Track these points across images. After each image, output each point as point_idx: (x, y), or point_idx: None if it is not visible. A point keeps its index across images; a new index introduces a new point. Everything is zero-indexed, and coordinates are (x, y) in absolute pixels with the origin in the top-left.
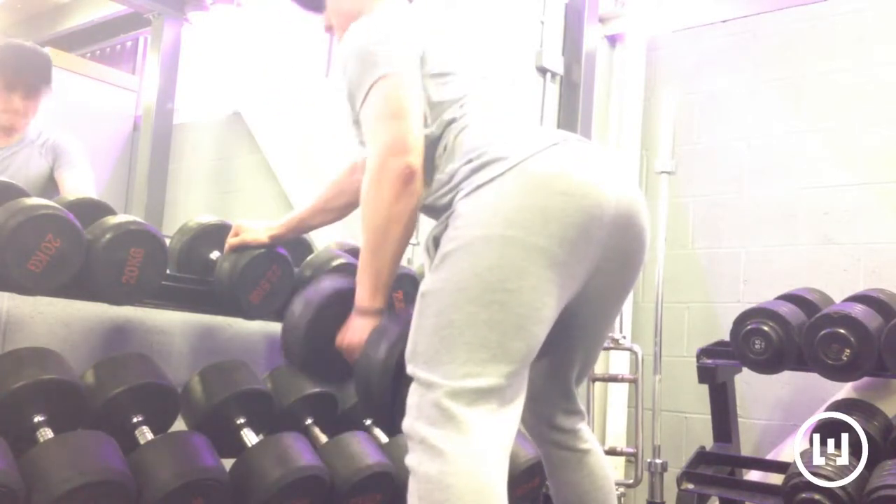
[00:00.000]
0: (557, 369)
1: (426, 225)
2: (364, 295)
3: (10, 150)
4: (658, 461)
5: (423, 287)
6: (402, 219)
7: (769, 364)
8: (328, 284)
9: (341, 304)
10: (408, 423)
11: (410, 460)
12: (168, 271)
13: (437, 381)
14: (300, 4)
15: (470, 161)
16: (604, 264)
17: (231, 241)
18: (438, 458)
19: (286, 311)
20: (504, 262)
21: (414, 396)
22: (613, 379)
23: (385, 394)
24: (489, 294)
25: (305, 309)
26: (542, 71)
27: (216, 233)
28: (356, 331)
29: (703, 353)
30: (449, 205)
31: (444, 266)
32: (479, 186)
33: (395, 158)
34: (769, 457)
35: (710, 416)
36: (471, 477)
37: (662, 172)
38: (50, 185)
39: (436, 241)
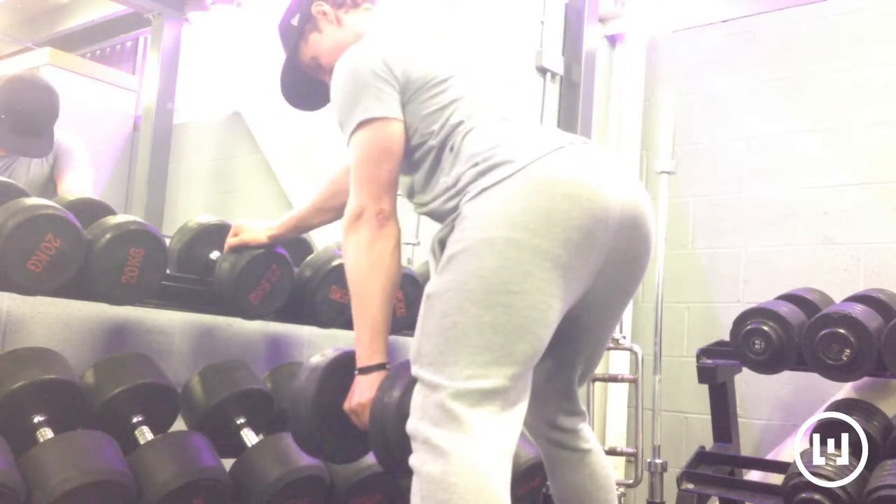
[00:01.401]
0: (560, 370)
1: (430, 227)
2: (362, 354)
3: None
4: (658, 461)
5: (428, 289)
6: (382, 261)
7: (769, 364)
8: (325, 359)
9: (343, 373)
10: (412, 424)
11: (414, 460)
12: (168, 271)
13: (442, 382)
14: (300, 108)
15: (476, 164)
16: (608, 267)
17: (230, 241)
18: (441, 459)
19: (290, 398)
20: (509, 265)
21: (418, 397)
22: (613, 379)
23: (403, 435)
24: (494, 296)
25: (307, 383)
26: (542, 71)
27: (216, 233)
28: (363, 391)
29: (703, 353)
30: (455, 208)
31: (449, 268)
32: (484, 189)
33: (369, 205)
34: (769, 457)
35: (710, 416)
36: (473, 477)
37: (662, 172)
38: (51, 186)
39: (441, 244)
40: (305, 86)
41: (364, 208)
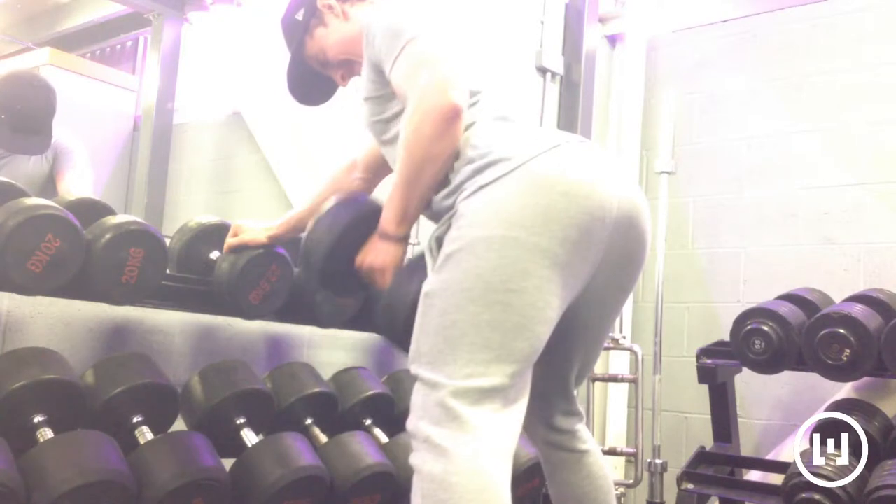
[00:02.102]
0: (557, 369)
1: (427, 226)
2: (390, 220)
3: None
4: (658, 461)
5: (426, 287)
6: (439, 159)
7: (769, 364)
8: (356, 205)
9: (366, 225)
10: (412, 423)
11: (414, 459)
12: (168, 271)
13: (442, 380)
14: (307, 104)
15: (473, 161)
16: (606, 265)
17: (230, 241)
18: (442, 458)
19: (312, 224)
20: (506, 263)
21: (418, 396)
22: (613, 379)
23: (412, 324)
24: (492, 294)
25: (333, 226)
26: (542, 71)
27: (216, 233)
28: (378, 253)
29: (703, 353)
30: (452, 206)
31: (446, 267)
32: (481, 187)
33: (440, 95)
34: (769, 457)
35: (710, 416)
36: (474, 476)
37: (662, 172)
38: (50, 185)
39: (438, 242)
40: (311, 81)
41: (431, 98)
